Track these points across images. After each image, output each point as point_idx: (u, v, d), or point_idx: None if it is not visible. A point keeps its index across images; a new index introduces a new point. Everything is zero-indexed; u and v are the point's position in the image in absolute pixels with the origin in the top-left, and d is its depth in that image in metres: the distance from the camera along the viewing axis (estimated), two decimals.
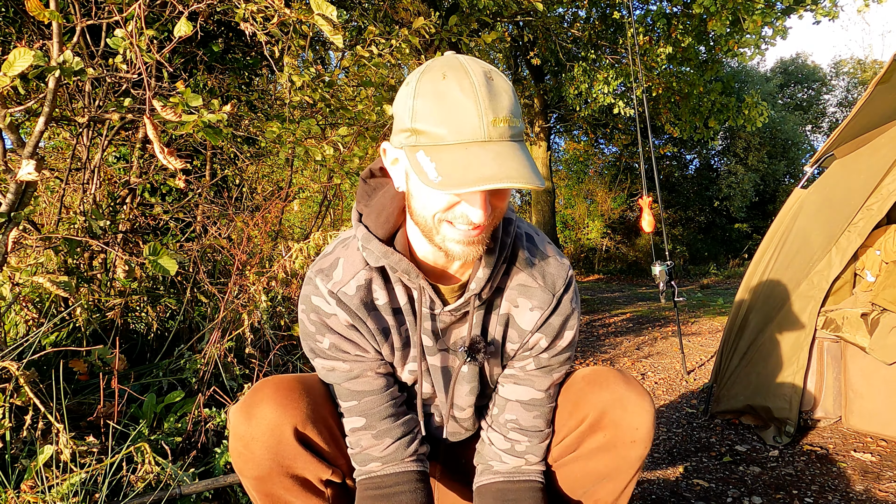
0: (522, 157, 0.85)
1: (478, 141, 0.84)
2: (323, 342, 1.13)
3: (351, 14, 4.57)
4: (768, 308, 2.62)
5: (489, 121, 0.84)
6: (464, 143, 0.84)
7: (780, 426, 2.48)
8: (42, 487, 1.44)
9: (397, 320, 1.12)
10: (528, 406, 1.18)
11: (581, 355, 4.54)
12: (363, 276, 1.09)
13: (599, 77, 8.21)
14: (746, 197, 16.10)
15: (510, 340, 1.16)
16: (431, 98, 0.86)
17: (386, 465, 1.16)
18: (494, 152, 0.83)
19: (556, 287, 1.12)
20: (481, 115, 0.84)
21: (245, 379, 2.38)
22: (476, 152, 0.83)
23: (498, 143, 0.85)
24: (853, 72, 21.37)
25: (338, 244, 1.15)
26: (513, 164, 0.83)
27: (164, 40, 2.72)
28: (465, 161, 0.83)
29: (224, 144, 3.18)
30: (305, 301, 1.13)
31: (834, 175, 2.64)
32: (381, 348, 1.14)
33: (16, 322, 2.13)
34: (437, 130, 0.85)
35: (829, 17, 7.07)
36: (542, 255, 1.14)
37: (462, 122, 0.84)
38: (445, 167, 0.83)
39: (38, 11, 1.46)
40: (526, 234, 1.15)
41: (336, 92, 2.98)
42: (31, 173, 1.55)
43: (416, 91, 0.88)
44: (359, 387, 1.15)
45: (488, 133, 0.84)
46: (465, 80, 0.85)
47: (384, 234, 1.05)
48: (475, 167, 0.82)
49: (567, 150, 17.35)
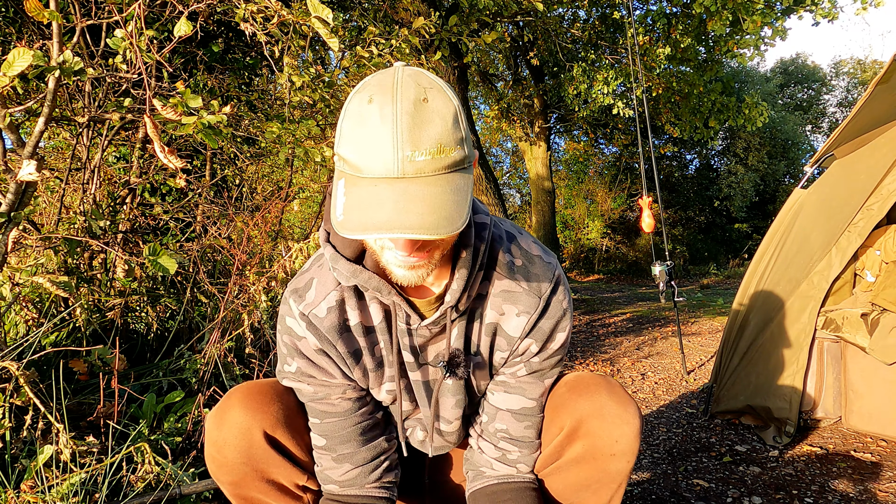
0: (434, 198, 0.78)
1: (388, 178, 0.78)
2: (291, 366, 1.12)
3: (351, 14, 4.57)
4: (768, 308, 2.62)
5: (404, 155, 0.77)
6: (374, 178, 0.79)
7: (780, 426, 2.48)
8: (42, 487, 1.44)
9: (370, 340, 1.09)
10: (519, 416, 1.15)
11: (581, 355, 4.54)
12: (334, 297, 1.05)
13: (599, 77, 8.21)
14: (746, 197, 16.11)
15: (499, 349, 1.11)
16: (354, 123, 0.81)
17: (344, 488, 1.15)
18: (400, 193, 0.77)
19: (542, 290, 1.06)
20: (396, 147, 0.77)
21: (245, 379, 2.38)
22: (380, 193, 0.77)
23: (412, 180, 0.78)
24: (853, 72, 21.37)
25: (314, 261, 1.13)
26: (416, 210, 0.76)
27: (164, 40, 2.73)
28: (367, 202, 0.78)
29: (224, 144, 3.18)
30: (281, 321, 1.12)
31: (834, 175, 2.64)
32: (351, 373, 1.11)
33: (16, 322, 2.13)
34: (354, 160, 0.80)
35: (829, 19, 7.07)
36: (525, 256, 1.08)
37: (374, 156, 0.78)
38: (349, 205, 0.79)
39: (38, 12, 1.46)
40: (507, 233, 1.09)
41: (336, 92, 2.98)
42: (31, 173, 1.55)
43: (346, 112, 0.83)
44: (323, 407, 1.13)
45: (402, 169, 0.77)
46: (387, 105, 0.78)
47: (352, 252, 1.00)
48: (371, 211, 0.76)
49: (567, 150, 17.34)
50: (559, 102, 11.96)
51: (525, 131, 12.04)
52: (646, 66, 7.94)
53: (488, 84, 11.92)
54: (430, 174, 0.79)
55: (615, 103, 8.34)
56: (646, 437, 2.68)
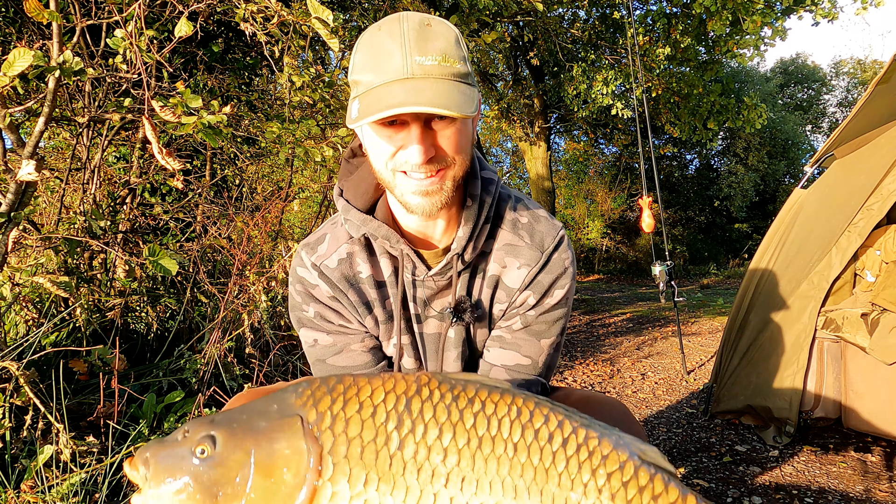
0: (446, 87, 0.86)
1: (399, 79, 0.86)
2: (308, 311, 1.13)
3: (351, 14, 4.57)
4: (768, 308, 2.62)
5: (413, 59, 0.85)
6: (386, 82, 0.86)
7: (780, 426, 2.48)
8: (42, 487, 1.44)
9: (381, 294, 1.11)
10: (513, 372, 1.13)
11: (581, 355, 4.54)
12: (345, 250, 1.09)
13: (599, 77, 8.21)
14: (746, 197, 16.11)
15: (498, 301, 1.12)
16: (366, 49, 0.90)
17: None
18: (411, 85, 0.85)
19: (545, 244, 1.09)
20: (405, 54, 0.86)
21: (245, 379, 2.38)
22: (392, 88, 0.85)
23: (421, 79, 0.86)
24: (853, 72, 21.37)
25: (327, 223, 1.17)
26: (426, 95, 0.84)
27: (164, 40, 2.72)
28: (380, 97, 0.85)
29: (224, 144, 3.18)
30: (293, 273, 1.14)
31: (834, 175, 2.64)
32: (364, 321, 1.13)
33: (16, 322, 2.13)
34: (367, 77, 0.89)
35: (829, 19, 7.07)
36: (531, 215, 1.11)
37: (386, 65, 0.86)
38: (363, 105, 0.87)
39: (38, 12, 1.46)
40: (515, 196, 1.13)
41: (336, 92, 2.98)
42: (31, 173, 1.55)
43: (357, 47, 0.92)
44: (343, 362, 1.14)
45: (411, 70, 0.85)
46: (395, 28, 0.87)
47: (363, 204, 1.07)
48: (386, 100, 0.84)
49: (567, 150, 17.34)
50: (559, 102, 11.95)
51: (525, 131, 12.04)
52: (645, 67, 7.94)
53: (488, 84, 11.92)
54: (438, 77, 0.86)
55: (614, 104, 8.34)
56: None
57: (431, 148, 0.91)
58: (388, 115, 0.83)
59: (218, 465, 0.66)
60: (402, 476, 0.66)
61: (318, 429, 0.67)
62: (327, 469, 0.66)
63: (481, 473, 0.68)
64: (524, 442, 0.69)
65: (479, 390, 0.72)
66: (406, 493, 0.66)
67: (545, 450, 0.69)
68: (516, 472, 0.68)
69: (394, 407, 0.69)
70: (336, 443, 0.67)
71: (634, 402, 3.25)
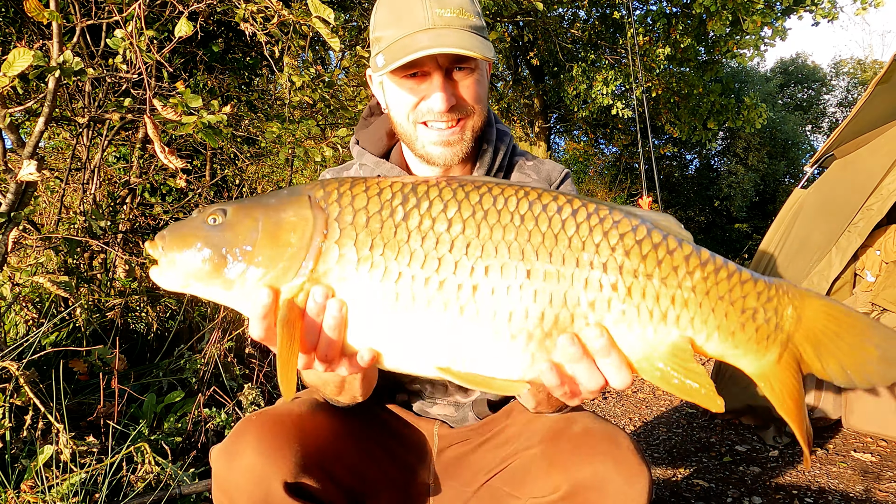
0: (466, 35, 0.92)
1: (421, 29, 0.92)
2: None
3: (351, 14, 4.57)
4: None
5: (433, 12, 0.92)
6: (409, 33, 0.93)
7: (781, 426, 2.48)
8: (42, 487, 1.44)
9: None
10: None
11: None
12: None
13: (598, 78, 8.22)
14: (746, 197, 16.09)
15: None
16: (386, 7, 0.98)
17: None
18: (435, 33, 0.91)
19: (552, 178, 1.16)
20: (426, 7, 0.93)
21: (245, 379, 2.38)
22: (417, 36, 0.92)
23: (443, 29, 0.92)
24: (853, 72, 21.36)
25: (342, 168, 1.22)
26: (451, 39, 0.90)
27: (164, 40, 2.72)
28: (405, 44, 0.92)
29: (224, 144, 3.18)
30: None
31: (834, 175, 2.64)
32: None
33: (16, 322, 2.13)
34: (389, 32, 0.95)
35: (829, 19, 7.07)
36: (539, 161, 1.19)
37: (408, 17, 0.93)
38: (389, 54, 0.94)
39: (38, 12, 1.45)
40: (526, 153, 1.21)
41: (336, 92, 2.98)
42: (32, 173, 1.55)
43: (376, 7, 1.00)
44: None
45: (433, 21, 0.92)
46: None
47: (378, 150, 1.13)
48: (412, 46, 0.91)
49: (567, 150, 17.33)
50: (559, 102, 11.95)
51: (525, 131, 12.04)
52: (645, 67, 7.94)
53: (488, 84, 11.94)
54: (458, 27, 0.94)
55: (614, 104, 8.34)
56: (646, 437, 2.68)
57: (452, 97, 0.97)
58: (416, 56, 0.89)
59: (227, 230, 0.71)
60: (406, 243, 0.69)
61: (325, 202, 0.72)
62: (334, 233, 0.70)
63: (486, 239, 0.69)
64: (532, 213, 0.71)
65: (487, 182, 0.75)
66: (411, 257, 0.68)
67: (554, 219, 0.71)
68: (523, 237, 0.69)
69: (400, 189, 0.73)
70: (342, 213, 0.71)
71: (634, 402, 3.25)
